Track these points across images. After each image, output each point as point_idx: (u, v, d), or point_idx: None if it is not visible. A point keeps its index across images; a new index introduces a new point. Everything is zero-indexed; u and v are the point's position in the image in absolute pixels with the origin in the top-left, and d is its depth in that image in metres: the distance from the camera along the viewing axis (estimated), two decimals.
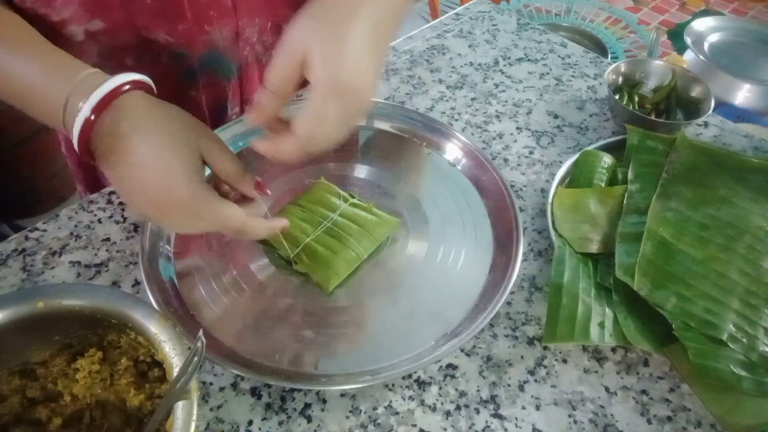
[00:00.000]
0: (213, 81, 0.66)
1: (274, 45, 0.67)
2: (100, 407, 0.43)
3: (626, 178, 0.64)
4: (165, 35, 0.59)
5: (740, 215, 0.60)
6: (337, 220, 0.58)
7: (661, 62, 0.79)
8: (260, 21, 0.64)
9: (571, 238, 0.59)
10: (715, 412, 0.48)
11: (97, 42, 0.57)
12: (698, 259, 0.56)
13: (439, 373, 0.51)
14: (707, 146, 0.68)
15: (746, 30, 1.78)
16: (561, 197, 0.63)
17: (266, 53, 0.68)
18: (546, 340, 0.52)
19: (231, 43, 0.64)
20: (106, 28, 0.56)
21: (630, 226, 0.59)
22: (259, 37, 0.66)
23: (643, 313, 0.53)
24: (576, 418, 0.49)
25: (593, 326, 0.52)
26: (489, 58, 0.86)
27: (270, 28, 0.66)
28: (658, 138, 0.68)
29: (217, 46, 0.63)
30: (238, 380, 0.50)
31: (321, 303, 0.54)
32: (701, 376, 0.49)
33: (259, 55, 0.68)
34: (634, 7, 2.55)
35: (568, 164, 0.66)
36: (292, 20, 0.43)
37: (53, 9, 0.53)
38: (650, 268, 0.55)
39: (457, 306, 0.54)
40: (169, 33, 0.59)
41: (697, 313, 0.52)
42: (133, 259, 0.57)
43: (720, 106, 1.62)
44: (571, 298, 0.54)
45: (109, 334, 0.43)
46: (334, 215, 0.58)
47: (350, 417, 0.48)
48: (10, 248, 0.58)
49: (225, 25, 0.61)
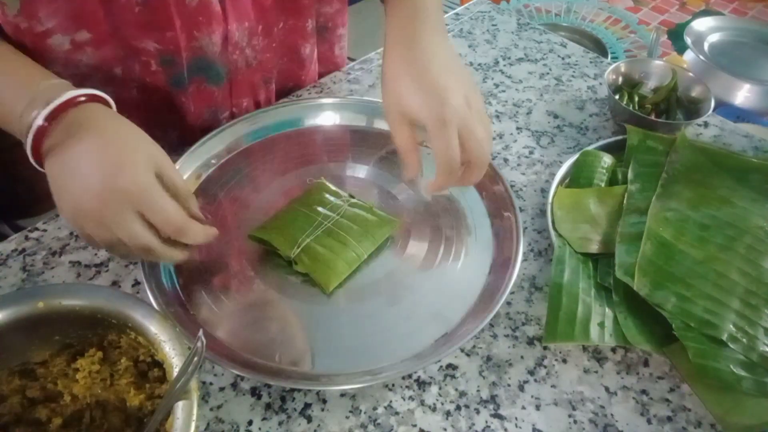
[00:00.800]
0: (202, 87, 0.66)
1: (265, 49, 0.67)
2: (100, 407, 0.43)
3: (626, 178, 0.64)
4: (153, 43, 0.59)
5: (740, 215, 0.60)
6: (337, 220, 0.58)
7: (661, 62, 0.79)
8: (249, 25, 0.64)
9: (571, 238, 0.59)
10: (715, 412, 0.48)
11: (83, 52, 0.57)
12: (698, 259, 0.56)
13: (439, 373, 0.51)
14: (707, 146, 0.68)
15: (746, 30, 1.78)
16: (561, 197, 0.63)
17: (256, 58, 0.68)
18: (546, 340, 0.52)
19: (220, 48, 0.63)
20: (93, 38, 0.56)
21: (630, 226, 0.59)
22: (249, 42, 0.65)
23: (643, 313, 0.53)
24: (576, 418, 0.49)
25: (593, 326, 0.52)
26: (489, 58, 0.86)
27: (260, 31, 0.66)
28: (658, 138, 0.68)
29: (206, 52, 0.62)
30: (238, 380, 0.50)
31: (321, 303, 0.54)
32: (701, 376, 0.49)
33: (249, 60, 0.67)
34: (634, 7, 2.55)
35: (568, 164, 0.66)
36: (387, 72, 0.54)
37: (37, 21, 0.53)
38: (650, 268, 0.55)
39: (457, 306, 0.54)
40: (157, 41, 0.59)
41: (697, 313, 0.52)
42: (133, 259, 0.57)
43: (720, 106, 1.62)
44: (571, 298, 0.54)
45: (109, 334, 0.43)
46: (334, 215, 0.58)
47: (350, 417, 0.48)
48: (10, 248, 0.58)
49: (214, 30, 0.61)
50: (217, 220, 0.60)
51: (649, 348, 0.51)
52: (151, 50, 0.59)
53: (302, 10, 0.69)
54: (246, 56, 0.67)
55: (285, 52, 0.73)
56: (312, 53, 0.76)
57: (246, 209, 0.61)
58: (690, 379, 0.50)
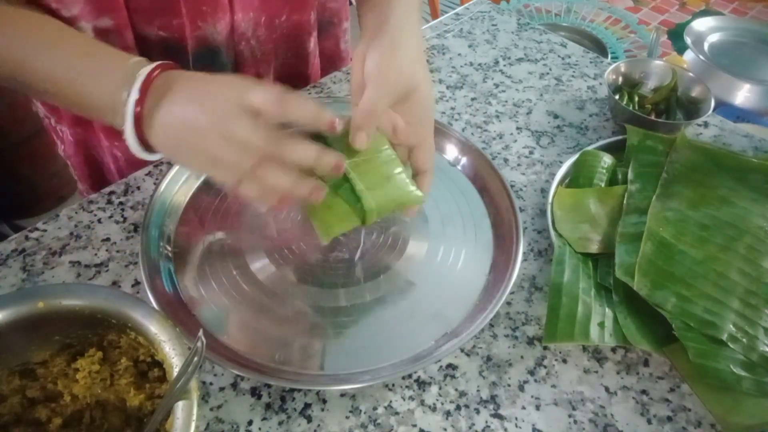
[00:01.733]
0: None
1: (268, 40, 0.67)
2: (100, 407, 0.43)
3: (626, 178, 0.64)
4: (158, 30, 0.59)
5: (740, 215, 0.60)
6: (373, 159, 0.49)
7: (661, 62, 0.79)
8: (254, 15, 0.65)
9: (571, 238, 0.59)
10: (716, 412, 0.48)
11: (106, 39, 0.57)
12: (698, 259, 0.56)
13: (439, 373, 0.51)
14: (707, 146, 0.68)
15: (746, 30, 1.78)
16: (561, 197, 0.63)
17: (260, 48, 0.68)
18: (546, 340, 0.52)
19: (225, 38, 0.64)
20: (114, 25, 0.57)
21: (630, 226, 0.59)
22: (254, 32, 0.66)
23: (643, 313, 0.53)
24: (576, 418, 0.49)
25: (593, 326, 0.52)
26: (489, 58, 0.86)
27: (263, 22, 0.67)
28: (658, 138, 0.68)
29: (211, 42, 0.63)
30: (238, 380, 0.50)
31: (321, 303, 0.54)
32: (701, 376, 0.49)
33: (254, 50, 0.68)
34: (634, 7, 2.55)
35: (568, 164, 0.66)
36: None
37: (63, 5, 0.54)
38: (650, 268, 0.55)
39: (457, 306, 0.54)
40: (162, 27, 0.59)
41: (697, 313, 0.52)
42: (133, 259, 0.57)
43: (720, 106, 1.62)
44: (571, 298, 0.54)
45: (109, 334, 0.43)
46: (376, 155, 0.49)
47: (350, 417, 0.48)
48: (10, 248, 0.58)
49: (219, 20, 0.61)
50: (218, 217, 0.60)
51: (649, 348, 0.51)
52: (155, 39, 0.60)
53: (305, 4, 0.70)
54: (251, 47, 0.67)
55: (289, 46, 0.73)
56: (315, 48, 0.77)
57: (246, 207, 0.61)
58: (690, 379, 0.50)
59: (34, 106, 0.75)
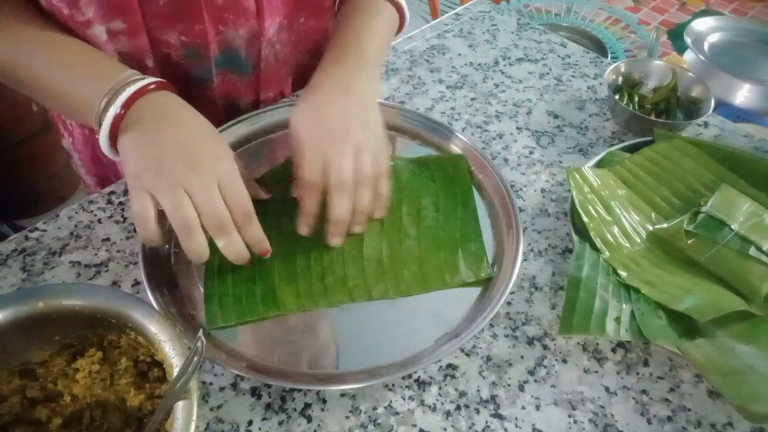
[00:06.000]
0: (227, 78, 0.67)
1: (288, 42, 0.68)
2: (100, 407, 0.43)
3: None
4: (179, 36, 0.60)
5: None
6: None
7: (661, 62, 0.79)
8: (279, 20, 0.65)
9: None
10: (735, 402, 0.47)
11: (118, 41, 0.58)
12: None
13: (439, 373, 0.51)
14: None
15: (746, 30, 1.78)
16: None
17: (282, 51, 0.69)
18: (561, 331, 0.52)
19: (247, 42, 0.64)
20: (127, 28, 0.57)
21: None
22: (277, 36, 0.66)
23: (662, 310, 0.53)
24: (576, 418, 0.49)
25: (609, 321, 0.52)
26: (489, 58, 0.86)
27: (285, 25, 0.67)
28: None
29: (231, 45, 0.63)
30: (238, 380, 0.50)
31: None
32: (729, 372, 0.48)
33: (277, 54, 0.68)
34: (634, 7, 2.55)
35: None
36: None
37: (77, 9, 0.53)
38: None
39: (457, 306, 0.54)
40: (184, 33, 0.60)
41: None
42: (133, 259, 0.57)
43: (720, 106, 1.62)
44: (589, 292, 0.54)
45: (109, 334, 0.43)
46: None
47: (350, 417, 0.48)
48: (10, 248, 0.58)
49: (241, 26, 0.61)
50: None
51: (666, 344, 0.51)
52: (174, 43, 0.60)
53: (321, 9, 0.70)
54: (275, 51, 0.68)
55: (307, 49, 0.74)
56: None
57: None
58: (708, 374, 0.50)
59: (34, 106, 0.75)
